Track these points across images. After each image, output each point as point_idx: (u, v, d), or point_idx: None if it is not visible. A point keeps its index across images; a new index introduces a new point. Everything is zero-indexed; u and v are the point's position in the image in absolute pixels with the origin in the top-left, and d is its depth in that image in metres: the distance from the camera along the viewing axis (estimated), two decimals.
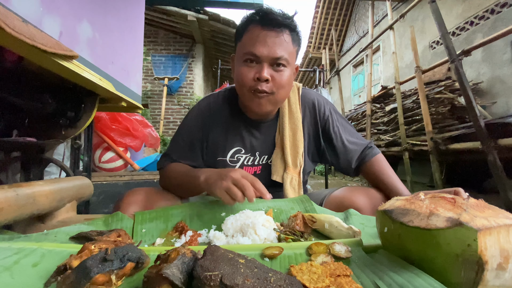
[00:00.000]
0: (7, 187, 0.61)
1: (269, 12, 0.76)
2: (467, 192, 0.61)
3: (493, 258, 0.33)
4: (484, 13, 3.38)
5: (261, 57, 0.75)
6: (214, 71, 5.00)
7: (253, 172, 0.92)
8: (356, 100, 7.14)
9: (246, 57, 0.78)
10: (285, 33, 0.77)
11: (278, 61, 0.76)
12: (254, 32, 0.77)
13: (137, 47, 1.59)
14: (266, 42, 0.75)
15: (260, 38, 0.75)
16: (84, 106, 1.13)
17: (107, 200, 1.67)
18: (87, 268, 0.35)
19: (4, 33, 0.59)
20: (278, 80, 0.77)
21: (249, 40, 0.77)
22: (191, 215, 0.69)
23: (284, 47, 0.76)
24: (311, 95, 0.97)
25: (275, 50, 0.75)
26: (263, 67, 0.76)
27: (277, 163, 0.90)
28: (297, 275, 0.37)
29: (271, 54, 0.75)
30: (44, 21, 0.81)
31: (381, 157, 0.92)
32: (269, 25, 0.75)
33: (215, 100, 0.93)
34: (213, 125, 0.90)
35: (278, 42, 0.75)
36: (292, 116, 0.91)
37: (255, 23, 0.77)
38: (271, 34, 0.75)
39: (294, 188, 0.89)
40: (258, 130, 0.92)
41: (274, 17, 0.75)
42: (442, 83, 3.03)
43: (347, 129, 0.97)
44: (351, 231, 0.55)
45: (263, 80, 0.76)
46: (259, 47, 0.75)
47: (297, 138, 0.90)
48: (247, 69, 0.78)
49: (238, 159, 0.91)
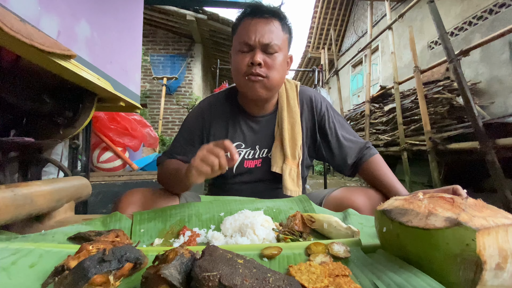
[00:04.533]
0: (4, 187, 0.61)
1: (259, 4, 0.85)
2: (465, 190, 0.61)
3: (492, 258, 0.33)
4: (483, 13, 3.39)
5: (253, 44, 0.81)
6: (213, 71, 4.99)
7: (254, 165, 0.94)
8: (355, 100, 7.15)
9: (239, 46, 0.84)
10: (274, 21, 0.83)
11: (269, 46, 0.82)
12: (246, 23, 0.84)
13: (136, 47, 1.58)
14: (256, 29, 0.81)
15: (251, 27, 0.82)
16: (82, 105, 1.12)
17: (105, 200, 1.66)
18: (85, 268, 0.35)
19: (2, 32, 0.58)
20: (271, 64, 0.83)
21: (242, 30, 0.84)
22: (190, 215, 0.69)
23: (274, 33, 0.82)
24: (308, 91, 1.01)
25: (266, 36, 0.81)
26: (256, 52, 0.81)
27: (277, 155, 0.92)
28: (296, 275, 0.37)
29: (262, 40, 0.81)
30: (42, 21, 0.81)
31: (378, 157, 0.92)
32: (259, 14, 0.83)
33: (216, 98, 0.99)
34: (215, 122, 0.95)
35: (268, 29, 0.82)
36: (290, 110, 0.95)
37: (247, 15, 0.85)
38: (261, 21, 0.82)
39: (293, 179, 0.90)
40: (258, 124, 0.96)
41: (263, 7, 0.84)
42: (441, 83, 3.04)
43: (344, 126, 0.99)
44: (350, 231, 0.55)
45: (256, 63, 0.81)
46: (251, 35, 0.81)
47: (295, 131, 0.93)
48: (242, 56, 0.84)
49: (239, 154, 0.93)
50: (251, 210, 0.66)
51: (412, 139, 3.10)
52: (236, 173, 0.94)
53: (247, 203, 0.75)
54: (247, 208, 0.69)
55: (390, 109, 3.72)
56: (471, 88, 3.21)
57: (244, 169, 0.94)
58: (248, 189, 0.95)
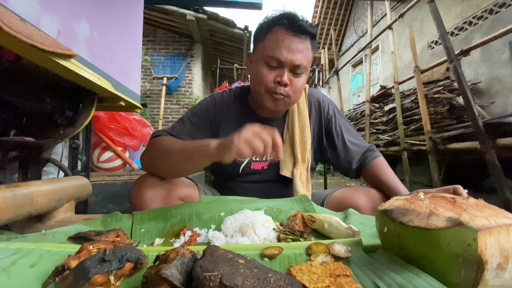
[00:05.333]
0: (4, 187, 0.61)
1: (296, 18, 0.79)
2: (466, 190, 0.61)
3: (493, 257, 0.33)
4: (483, 13, 3.39)
5: (284, 62, 0.78)
6: (213, 70, 4.99)
7: (260, 167, 0.95)
8: (355, 100, 7.15)
9: (268, 59, 0.79)
10: (307, 40, 0.80)
11: (298, 68, 0.79)
12: (280, 35, 0.78)
13: (136, 46, 1.58)
14: (290, 48, 0.77)
15: (285, 43, 0.77)
16: (83, 105, 1.12)
17: (105, 200, 1.66)
18: (86, 268, 0.34)
19: (2, 32, 0.58)
20: (296, 85, 0.81)
21: (274, 42, 0.79)
22: (190, 215, 0.69)
23: (305, 54, 0.80)
24: (316, 94, 1.01)
25: (298, 57, 0.78)
26: (284, 71, 0.79)
27: (286, 159, 0.93)
28: (296, 275, 0.37)
29: (294, 61, 0.78)
30: (42, 20, 0.80)
31: (381, 159, 0.93)
32: (295, 31, 0.78)
33: (228, 96, 0.97)
34: (225, 120, 0.94)
35: (301, 48, 0.78)
36: (300, 114, 0.95)
37: (281, 26, 0.79)
38: (296, 40, 0.78)
39: (303, 183, 0.91)
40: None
41: (300, 23, 0.78)
42: (441, 83, 3.03)
43: (350, 131, 0.99)
44: (350, 231, 0.55)
45: (283, 84, 0.79)
46: (283, 52, 0.77)
47: (305, 135, 0.93)
48: (268, 71, 0.80)
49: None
50: (252, 210, 0.66)
51: (412, 139, 3.09)
52: (242, 173, 0.93)
53: (247, 203, 0.75)
54: (247, 208, 0.69)
55: (390, 109, 3.71)
56: (471, 88, 3.21)
57: (250, 170, 0.94)
58: (252, 189, 0.95)
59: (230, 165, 0.89)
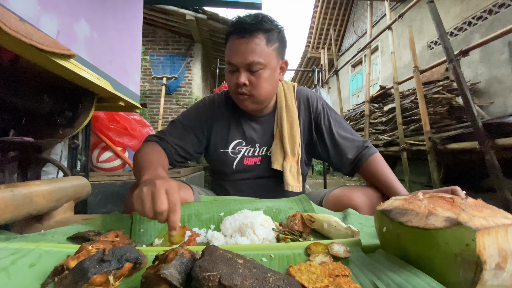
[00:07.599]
0: (3, 187, 0.61)
1: (240, 21, 0.83)
2: (464, 191, 0.61)
3: (492, 257, 0.33)
4: (482, 13, 3.39)
5: (236, 64, 0.83)
6: (213, 70, 5.00)
7: (253, 162, 0.97)
8: (355, 100, 7.15)
9: (228, 66, 0.87)
10: (256, 37, 0.82)
11: (252, 65, 0.82)
12: (231, 41, 0.85)
13: (136, 46, 1.58)
14: (239, 50, 0.82)
15: (234, 47, 0.83)
16: (82, 105, 1.12)
17: (105, 200, 1.66)
18: (85, 268, 0.35)
19: (1, 31, 0.58)
20: (255, 82, 0.85)
21: (228, 50, 0.86)
22: (189, 215, 0.69)
23: (257, 52, 0.82)
24: (305, 90, 1.04)
25: (247, 56, 0.81)
26: (240, 73, 0.84)
27: (277, 153, 0.95)
28: (295, 275, 0.37)
29: (244, 61, 0.82)
30: (41, 20, 0.80)
31: (378, 156, 0.93)
32: (240, 33, 0.82)
33: (219, 97, 1.02)
34: (217, 121, 0.98)
35: (250, 48, 0.81)
36: (288, 110, 0.98)
37: (232, 34, 0.84)
38: (243, 41, 0.81)
39: (294, 175, 0.93)
40: (258, 123, 1.00)
41: (243, 25, 0.81)
42: (440, 83, 3.04)
43: (341, 124, 1.00)
44: (349, 231, 0.55)
45: (241, 84, 0.84)
46: (234, 56, 0.83)
47: (294, 130, 0.96)
48: (230, 76, 0.88)
49: (239, 151, 0.97)
50: (251, 210, 0.66)
51: (411, 139, 3.10)
52: (235, 169, 0.96)
53: (246, 203, 0.75)
54: (246, 208, 0.69)
55: (390, 109, 3.72)
56: (470, 88, 3.21)
57: (243, 166, 0.96)
58: (247, 185, 0.97)
59: (224, 162, 0.96)
